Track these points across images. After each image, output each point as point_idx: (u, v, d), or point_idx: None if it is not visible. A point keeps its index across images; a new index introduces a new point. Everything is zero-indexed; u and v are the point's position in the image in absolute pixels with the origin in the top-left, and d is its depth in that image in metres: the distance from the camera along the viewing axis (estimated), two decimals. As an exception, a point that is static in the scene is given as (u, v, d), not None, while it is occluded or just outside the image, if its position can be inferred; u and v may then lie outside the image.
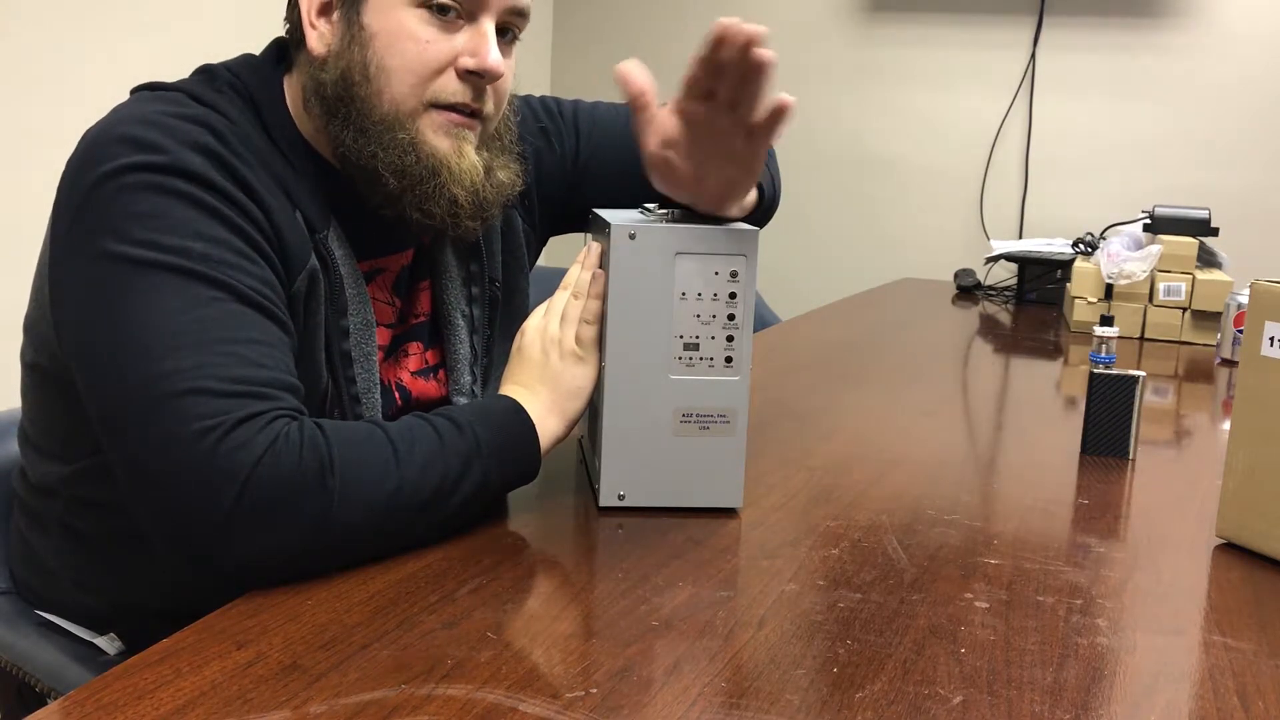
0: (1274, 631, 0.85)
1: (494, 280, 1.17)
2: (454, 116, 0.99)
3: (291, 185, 0.98)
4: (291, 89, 1.03)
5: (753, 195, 1.12)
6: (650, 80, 0.97)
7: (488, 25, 0.99)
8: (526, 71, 3.49)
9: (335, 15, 0.99)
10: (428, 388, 1.13)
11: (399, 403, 1.10)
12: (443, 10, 0.97)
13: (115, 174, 0.88)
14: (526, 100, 1.26)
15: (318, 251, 0.98)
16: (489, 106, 1.02)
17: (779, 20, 3.29)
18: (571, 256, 1.04)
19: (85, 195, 0.89)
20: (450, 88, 0.98)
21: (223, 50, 1.09)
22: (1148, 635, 0.83)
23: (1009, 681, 0.74)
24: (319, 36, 0.99)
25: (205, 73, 1.02)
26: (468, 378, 1.15)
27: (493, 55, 0.98)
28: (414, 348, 1.13)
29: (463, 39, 0.98)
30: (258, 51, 1.06)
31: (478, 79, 0.99)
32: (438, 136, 0.99)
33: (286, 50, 1.05)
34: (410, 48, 0.97)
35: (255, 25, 1.36)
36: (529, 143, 1.22)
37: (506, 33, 1.03)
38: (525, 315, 1.10)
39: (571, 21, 3.57)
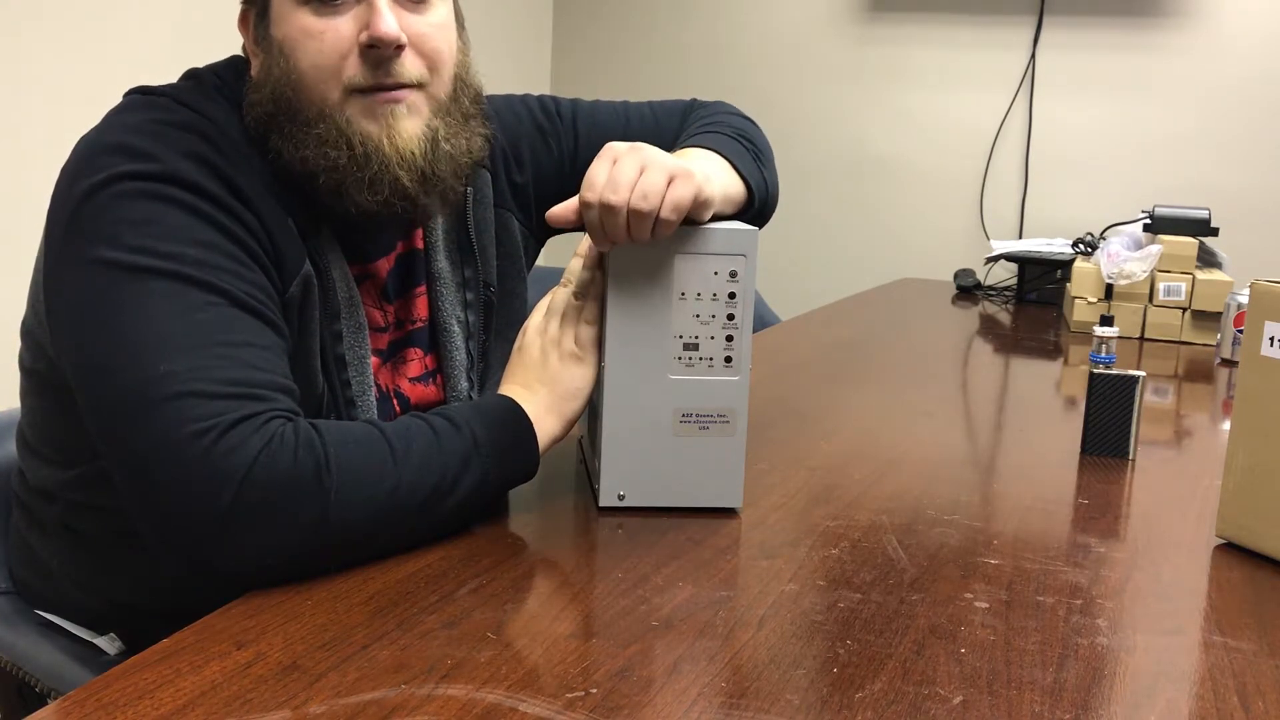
0: (1274, 631, 0.85)
1: (488, 285, 1.17)
2: (379, 95, 0.98)
3: (281, 190, 0.98)
4: None
5: (740, 189, 1.11)
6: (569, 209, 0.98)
7: None
8: (527, 71, 3.49)
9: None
10: (428, 393, 1.13)
11: (398, 411, 1.10)
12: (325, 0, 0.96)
13: (108, 182, 0.88)
14: (525, 99, 1.26)
15: (311, 256, 0.98)
16: (413, 73, 0.99)
17: (779, 20, 3.29)
18: (572, 257, 1.04)
19: (79, 204, 0.89)
20: (360, 70, 0.97)
21: (220, 48, 1.09)
22: (1148, 635, 0.83)
23: (1009, 681, 0.74)
24: (257, 63, 1.00)
25: (193, 77, 1.02)
26: (464, 384, 1.15)
27: (383, 24, 0.95)
28: (413, 353, 1.13)
29: (356, 17, 0.96)
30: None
31: (379, 51, 0.96)
32: (367, 121, 0.97)
33: None
34: (310, 46, 0.96)
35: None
36: (526, 142, 1.21)
37: None
38: (523, 318, 1.09)
39: (571, 21, 3.57)
